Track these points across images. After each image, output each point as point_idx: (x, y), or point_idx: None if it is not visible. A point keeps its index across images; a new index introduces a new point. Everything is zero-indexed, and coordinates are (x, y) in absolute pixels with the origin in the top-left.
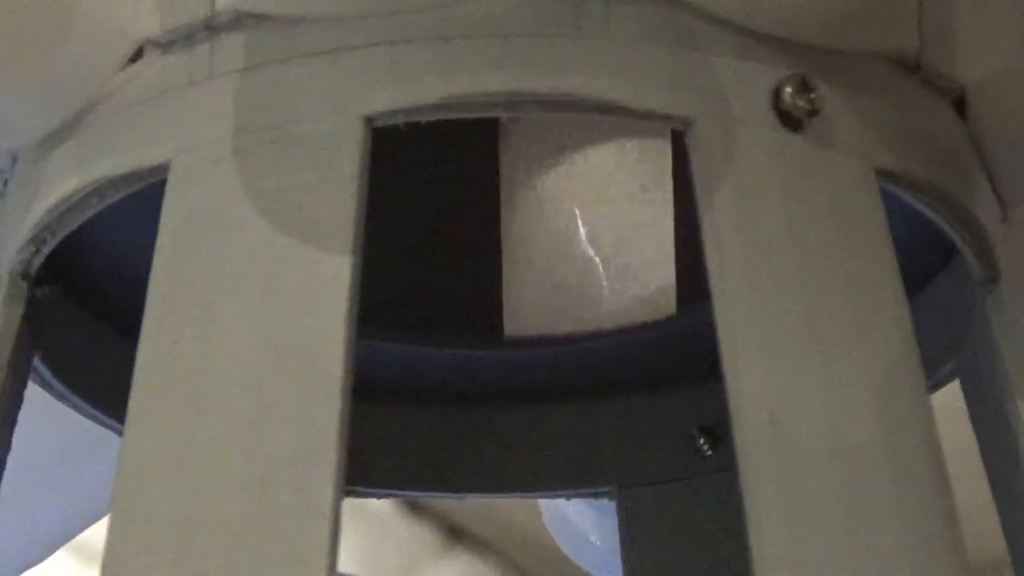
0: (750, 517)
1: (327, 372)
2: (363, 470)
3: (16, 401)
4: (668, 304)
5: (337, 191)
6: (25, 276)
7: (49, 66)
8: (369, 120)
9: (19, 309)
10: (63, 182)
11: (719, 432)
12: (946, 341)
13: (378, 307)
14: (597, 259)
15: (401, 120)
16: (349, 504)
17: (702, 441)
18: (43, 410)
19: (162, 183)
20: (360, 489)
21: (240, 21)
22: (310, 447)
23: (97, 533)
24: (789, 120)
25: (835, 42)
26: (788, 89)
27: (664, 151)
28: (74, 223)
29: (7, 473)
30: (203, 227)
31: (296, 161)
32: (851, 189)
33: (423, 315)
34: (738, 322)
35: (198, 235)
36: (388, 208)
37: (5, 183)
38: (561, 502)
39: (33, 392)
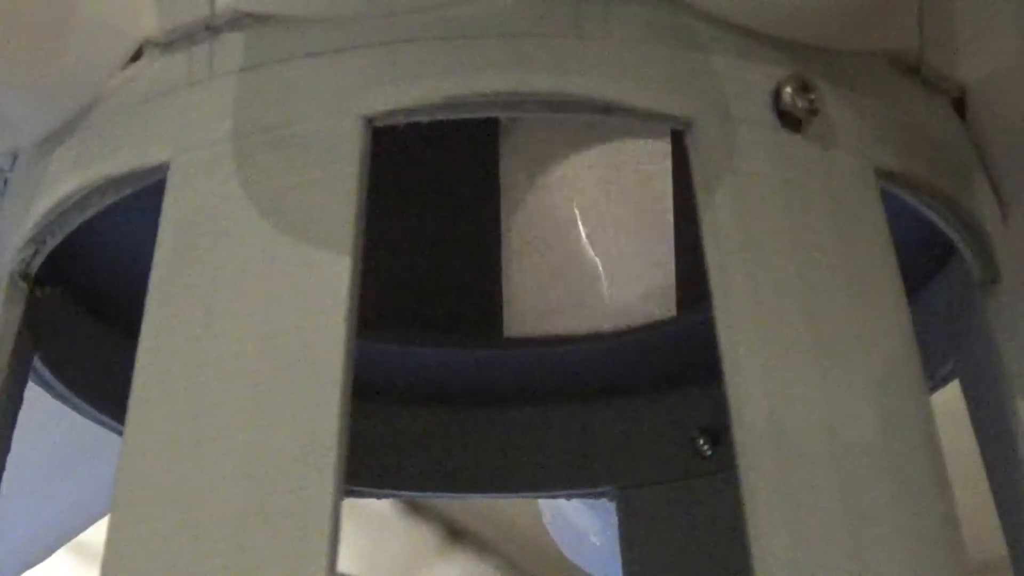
0: (750, 517)
1: (327, 372)
2: (363, 470)
3: (16, 401)
4: (668, 304)
5: (337, 191)
6: (25, 276)
7: (49, 66)
8: (369, 120)
9: (19, 309)
10: (63, 182)
11: (719, 432)
12: (946, 341)
13: (378, 307)
14: (597, 259)
15: (401, 120)
16: (349, 504)
17: (702, 441)
18: (43, 410)
19: (162, 183)
20: (360, 489)
21: (240, 21)
22: (310, 447)
23: (97, 533)
24: (789, 120)
25: (835, 42)
26: (788, 89)
27: (664, 151)
28: (74, 223)
29: (7, 473)
30: (203, 227)
31: (296, 161)
32: (851, 189)
33: (423, 315)
34: (738, 322)
35: (198, 235)
36: (388, 208)
37: (5, 183)
38: (561, 502)
39: (33, 392)
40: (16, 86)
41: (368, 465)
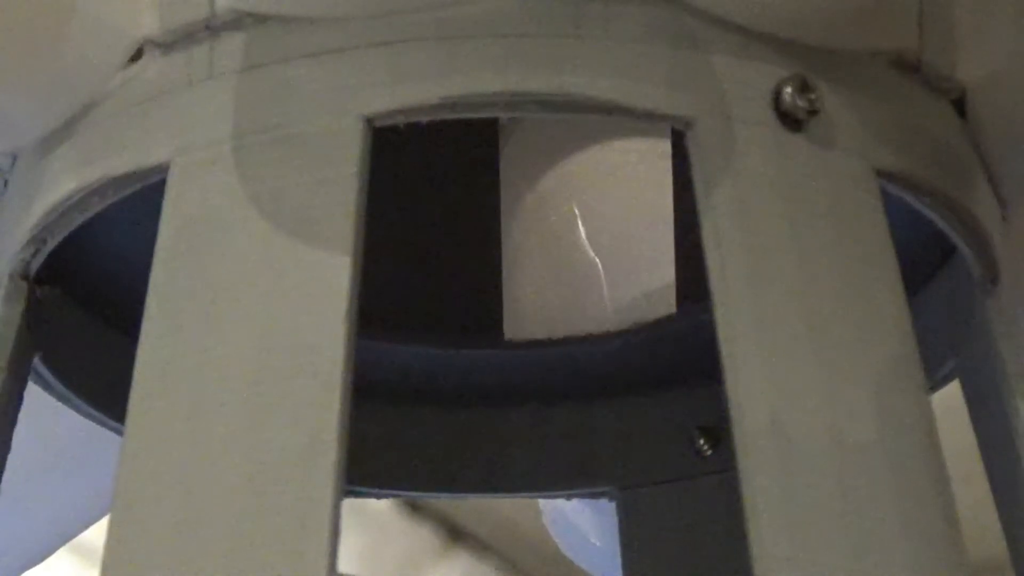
0: (750, 517)
1: (327, 372)
2: (363, 470)
3: (16, 401)
4: (668, 304)
5: (337, 191)
6: (25, 276)
7: (49, 66)
8: (369, 120)
9: (19, 309)
10: (63, 182)
11: (719, 432)
12: (946, 341)
13: (378, 307)
14: (597, 259)
15: (401, 120)
16: (349, 504)
17: (702, 441)
18: (43, 410)
19: (162, 183)
20: (360, 489)
21: (240, 21)
22: (310, 447)
23: (97, 533)
24: (789, 120)
25: (835, 42)
26: (788, 89)
27: (664, 151)
28: (74, 223)
29: (7, 473)
30: (203, 227)
31: (296, 161)
32: (851, 189)
33: (423, 315)
34: (738, 322)
35: (198, 235)
36: (388, 208)
37: (5, 183)
38: (561, 502)
39: (33, 392)
40: (16, 86)
41: (368, 465)
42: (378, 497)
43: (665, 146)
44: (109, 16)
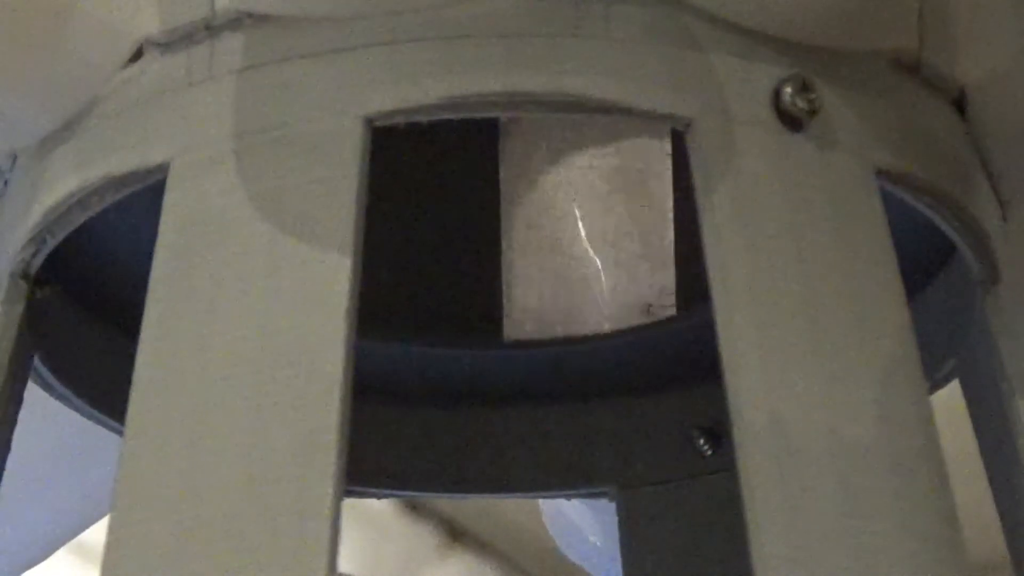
0: (750, 517)
1: (327, 372)
2: (363, 470)
3: (16, 401)
4: (668, 305)
5: (337, 191)
6: (25, 276)
7: (49, 66)
8: (369, 120)
9: (19, 309)
10: (63, 182)
11: (719, 432)
12: (946, 341)
13: (378, 307)
14: (597, 259)
15: (401, 120)
16: (349, 504)
17: (702, 441)
18: (43, 410)
19: (162, 183)
20: (360, 489)
21: (240, 21)
22: (310, 447)
23: (97, 533)
24: (789, 120)
25: (835, 42)
26: (788, 89)
27: (664, 151)
28: (74, 223)
29: (7, 473)
30: (203, 227)
31: (296, 161)
32: (851, 189)
33: (423, 315)
34: (738, 322)
35: (198, 235)
36: (388, 208)
37: (5, 183)
38: (561, 502)
39: (33, 392)
40: (16, 86)
41: (368, 465)
42: (378, 497)
43: (665, 146)
44: (109, 16)
